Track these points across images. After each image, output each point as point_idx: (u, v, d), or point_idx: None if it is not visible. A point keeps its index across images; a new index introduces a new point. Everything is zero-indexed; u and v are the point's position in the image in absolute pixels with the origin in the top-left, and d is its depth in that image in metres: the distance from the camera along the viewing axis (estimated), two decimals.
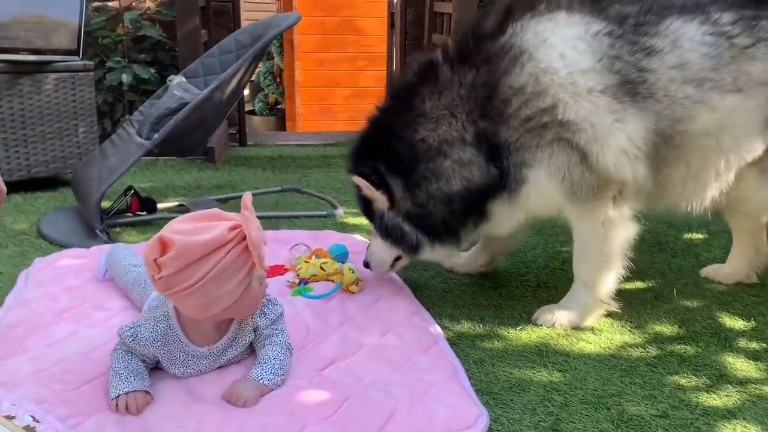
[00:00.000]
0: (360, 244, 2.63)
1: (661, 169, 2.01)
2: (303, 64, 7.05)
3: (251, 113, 7.65)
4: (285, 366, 1.70)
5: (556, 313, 2.10)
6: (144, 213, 2.99)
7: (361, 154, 2.12)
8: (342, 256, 2.39)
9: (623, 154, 1.91)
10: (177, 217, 1.62)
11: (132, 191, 2.97)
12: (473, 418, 1.58)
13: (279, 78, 7.66)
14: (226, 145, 4.56)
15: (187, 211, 2.31)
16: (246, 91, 8.64)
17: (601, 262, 2.05)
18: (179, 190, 3.53)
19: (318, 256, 2.38)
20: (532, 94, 1.90)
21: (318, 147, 4.89)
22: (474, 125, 1.96)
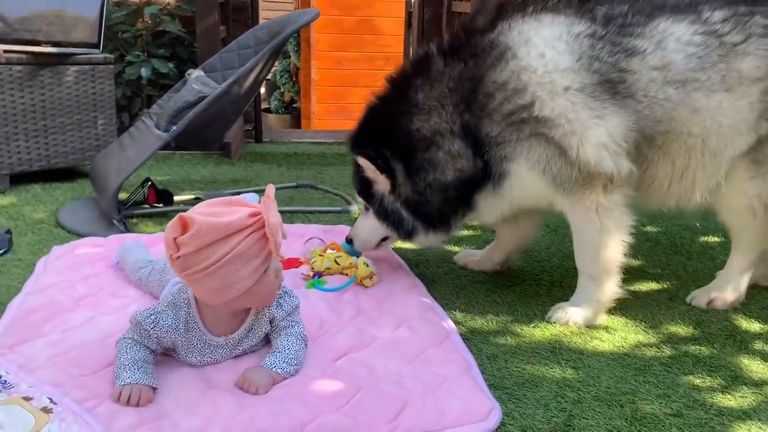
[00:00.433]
0: None
1: (646, 168, 2.04)
2: (319, 62, 7.07)
3: (267, 111, 7.68)
4: (299, 356, 1.71)
5: (569, 311, 2.09)
6: (160, 205, 3.02)
7: (366, 137, 2.18)
8: (355, 252, 2.40)
9: (603, 148, 1.94)
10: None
11: (149, 183, 3.00)
12: (486, 411, 1.58)
13: (295, 76, 7.68)
14: (242, 141, 4.59)
15: None
16: (262, 89, 8.68)
17: (602, 251, 2.05)
18: (195, 183, 3.55)
19: (332, 250, 2.39)
20: (513, 90, 1.96)
21: (332, 145, 4.89)
22: (460, 117, 2.02)
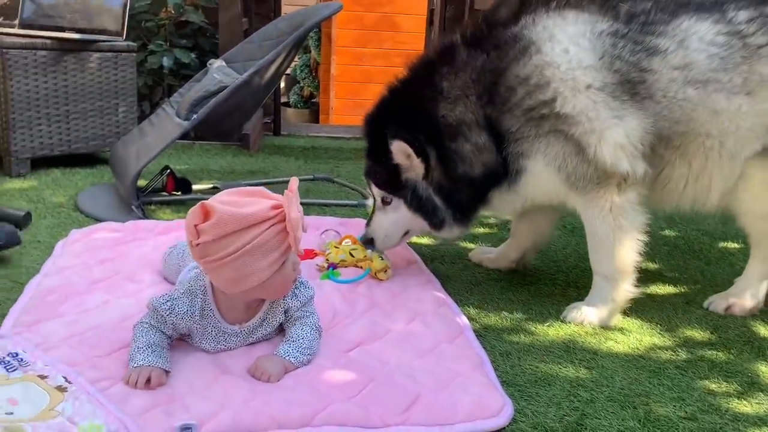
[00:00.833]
0: None
1: (662, 168, 2.02)
2: (339, 58, 7.08)
3: (286, 105, 7.70)
4: (313, 346, 1.71)
5: (583, 310, 2.07)
6: (179, 193, 3.03)
7: (391, 121, 2.09)
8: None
9: (620, 149, 1.92)
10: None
11: (168, 171, 3.02)
12: (497, 407, 1.57)
13: (315, 71, 7.70)
14: (260, 133, 4.60)
15: None
16: (282, 84, 8.71)
17: (616, 250, 2.03)
18: (213, 173, 3.57)
19: (348, 242, 2.39)
20: (535, 85, 1.94)
21: (350, 140, 4.90)
22: (483, 110, 2.00)
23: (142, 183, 3.00)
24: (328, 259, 2.31)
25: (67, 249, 2.30)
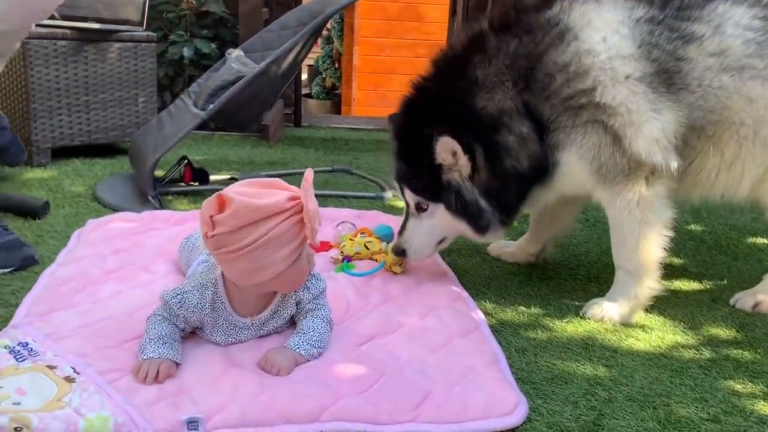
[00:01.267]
0: None
1: (693, 159, 1.95)
2: (362, 48, 7.04)
3: (308, 96, 7.69)
4: (323, 339, 1.69)
5: (604, 306, 2.02)
6: (196, 183, 3.03)
7: (433, 118, 1.94)
8: (387, 236, 2.36)
9: (655, 143, 1.86)
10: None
11: (185, 161, 3.01)
12: (511, 405, 1.52)
13: (337, 62, 7.67)
14: (281, 125, 4.59)
15: None
16: (304, 75, 8.70)
17: (641, 245, 1.96)
18: (232, 164, 3.56)
19: (363, 234, 2.36)
20: (574, 73, 1.87)
21: (371, 131, 4.86)
22: (521, 96, 1.91)
23: (159, 173, 3.00)
24: (342, 252, 2.28)
25: (83, 239, 2.30)
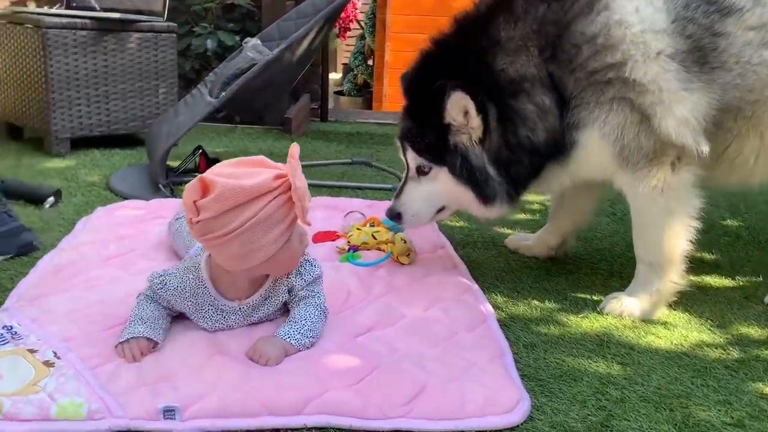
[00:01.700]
0: None
1: (730, 143, 1.81)
2: (393, 44, 6.93)
3: (340, 93, 7.64)
4: (316, 329, 1.60)
5: (624, 301, 1.88)
6: None
7: (448, 74, 1.79)
8: (397, 226, 2.26)
9: (686, 123, 1.72)
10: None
11: (200, 151, 2.97)
12: (512, 402, 1.41)
13: (370, 59, 7.59)
14: (306, 119, 4.54)
15: None
16: (338, 74, 8.65)
17: (665, 235, 1.82)
18: (252, 156, 3.51)
19: (372, 224, 2.27)
20: (602, 46, 1.74)
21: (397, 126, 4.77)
22: (545, 66, 1.77)
23: (174, 164, 2.97)
24: (349, 242, 2.19)
25: (88, 225, 2.27)
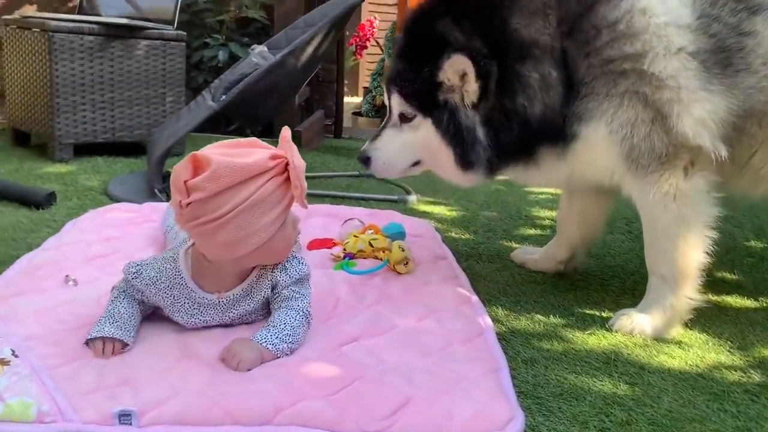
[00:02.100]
0: (420, 226, 2.38)
1: (755, 150, 1.67)
2: None
3: (358, 114, 7.60)
4: (297, 334, 1.48)
5: (635, 318, 1.74)
6: None
7: (456, 21, 1.66)
8: (397, 235, 2.15)
9: (703, 124, 1.60)
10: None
11: None
12: (503, 420, 1.28)
13: None
14: (319, 134, 4.47)
15: None
16: (360, 98, 8.62)
17: (679, 246, 1.69)
18: None
19: (370, 232, 2.15)
20: (622, 33, 1.62)
21: None
22: (561, 40, 1.64)
23: None
24: (345, 249, 2.08)
25: (75, 227, 2.19)
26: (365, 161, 1.86)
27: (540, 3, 1.66)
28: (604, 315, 1.85)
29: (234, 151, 1.40)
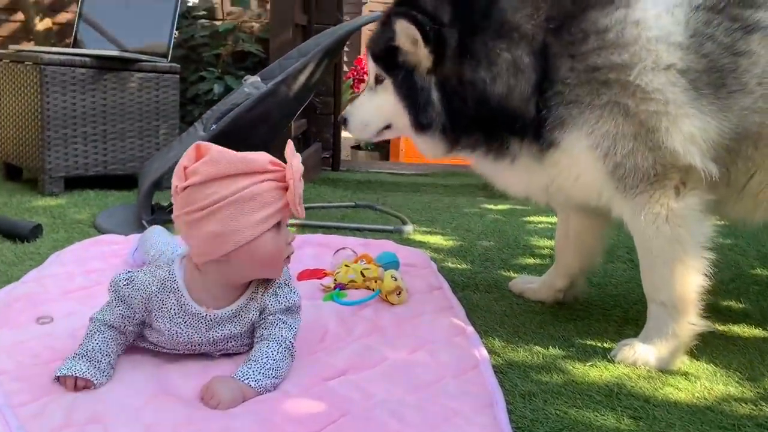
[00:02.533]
0: (415, 255, 2.31)
1: (752, 174, 1.61)
2: None
3: (357, 148, 7.60)
4: (280, 368, 1.41)
5: (637, 349, 1.66)
6: None
7: None
8: (390, 264, 2.08)
9: (692, 141, 1.55)
10: None
11: None
12: None
13: None
14: (315, 167, 4.44)
15: None
16: None
17: (676, 269, 1.62)
18: None
19: (363, 262, 2.09)
20: (611, 43, 1.57)
21: (410, 176, 4.67)
22: (544, 34, 1.62)
23: (166, 202, 2.84)
24: (336, 279, 2.01)
25: (58, 259, 2.13)
26: (344, 122, 1.92)
27: None
28: (606, 346, 1.77)
29: (238, 153, 1.43)
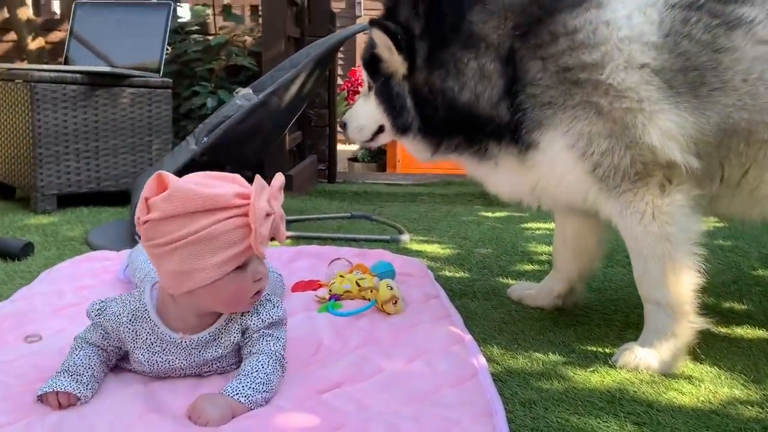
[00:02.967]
0: (411, 264, 2.28)
1: (747, 169, 1.59)
2: None
3: (354, 160, 7.58)
4: (271, 381, 1.37)
5: (638, 353, 1.62)
6: None
7: (408, 12, 1.77)
8: (386, 274, 2.05)
9: (670, 136, 1.54)
10: None
11: None
12: None
13: None
14: (311, 179, 4.41)
15: None
16: (356, 146, 8.63)
17: (667, 268, 1.58)
18: None
19: (358, 272, 2.05)
20: (581, 43, 1.57)
21: (407, 186, 4.64)
22: (511, 41, 1.64)
23: None
24: (331, 290, 1.97)
25: (49, 276, 2.10)
26: (343, 126, 2.00)
27: (501, 6, 1.69)
28: (607, 351, 1.73)
29: (205, 181, 1.35)
